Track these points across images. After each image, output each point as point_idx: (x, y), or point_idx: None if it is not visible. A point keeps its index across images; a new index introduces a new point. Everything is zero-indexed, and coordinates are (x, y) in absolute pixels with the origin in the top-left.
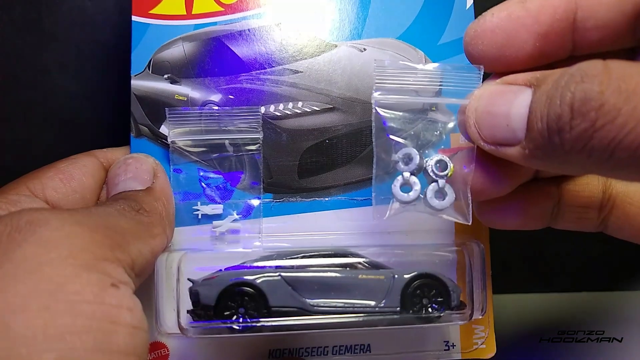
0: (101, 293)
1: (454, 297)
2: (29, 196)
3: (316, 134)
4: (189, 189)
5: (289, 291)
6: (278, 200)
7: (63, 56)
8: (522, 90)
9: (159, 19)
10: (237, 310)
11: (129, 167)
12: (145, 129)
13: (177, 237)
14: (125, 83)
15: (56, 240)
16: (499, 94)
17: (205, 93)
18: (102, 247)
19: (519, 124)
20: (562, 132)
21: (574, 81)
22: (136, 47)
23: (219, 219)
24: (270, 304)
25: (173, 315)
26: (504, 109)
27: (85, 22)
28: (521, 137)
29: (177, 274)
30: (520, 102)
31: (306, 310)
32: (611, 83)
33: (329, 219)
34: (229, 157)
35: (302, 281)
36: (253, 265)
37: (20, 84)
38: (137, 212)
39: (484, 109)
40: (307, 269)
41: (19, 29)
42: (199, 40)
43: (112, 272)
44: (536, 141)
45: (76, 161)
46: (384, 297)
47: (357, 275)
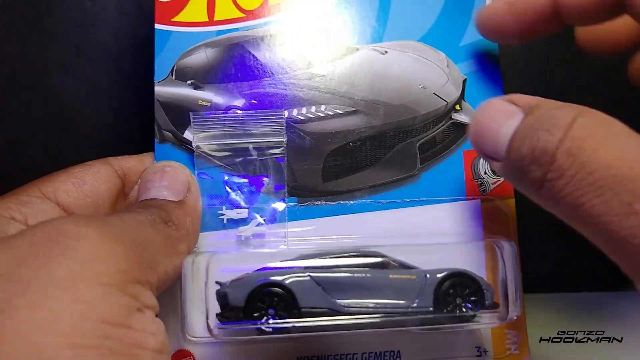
0: (129, 317)
1: (487, 296)
2: (41, 197)
3: (339, 137)
4: (214, 193)
5: (319, 291)
6: (302, 204)
7: (63, 56)
8: (516, 114)
9: (182, 26)
10: (267, 312)
11: (165, 175)
12: (169, 134)
13: (202, 242)
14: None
15: (94, 258)
16: (496, 109)
17: (229, 98)
18: (135, 268)
19: (503, 144)
20: (524, 173)
21: (543, 129)
22: (159, 54)
23: (244, 223)
24: (300, 304)
25: (200, 319)
26: (495, 127)
27: (85, 22)
28: (503, 158)
29: (206, 276)
30: (509, 125)
31: (337, 311)
32: (566, 143)
33: (354, 222)
34: (253, 161)
35: (332, 281)
36: (281, 266)
37: (20, 84)
38: (166, 224)
39: (481, 121)
40: (336, 269)
41: (19, 28)
42: (222, 46)
43: (140, 295)
44: (510, 165)
45: (90, 167)
46: (416, 297)
47: (388, 275)
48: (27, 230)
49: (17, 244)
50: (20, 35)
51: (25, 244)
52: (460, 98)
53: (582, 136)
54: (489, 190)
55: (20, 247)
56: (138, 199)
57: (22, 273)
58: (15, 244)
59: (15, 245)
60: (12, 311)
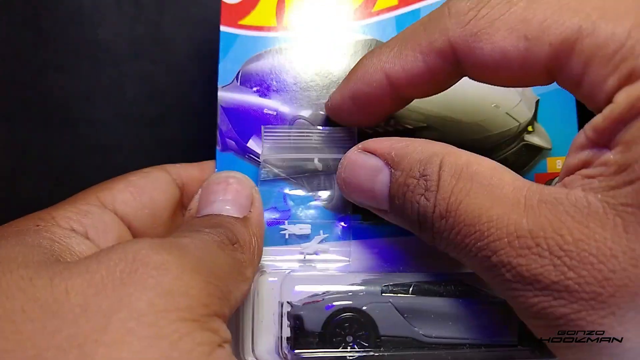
0: (212, 354)
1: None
2: (100, 207)
3: None
4: (277, 207)
5: (400, 319)
6: (368, 222)
7: (61, 55)
8: (381, 170)
9: (249, 30)
10: (345, 339)
11: (229, 187)
12: (232, 143)
13: (263, 258)
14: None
15: (175, 290)
16: (360, 167)
17: (296, 108)
18: (214, 302)
19: (383, 200)
20: (415, 231)
21: (419, 193)
22: (224, 57)
23: (307, 239)
24: (381, 333)
25: (268, 342)
26: (369, 186)
27: (84, 21)
28: (386, 208)
29: (281, 295)
30: (381, 182)
31: (419, 341)
32: (437, 206)
33: (421, 243)
34: (319, 175)
35: (414, 309)
36: (357, 290)
37: (18, 84)
38: (233, 245)
39: (350, 180)
40: (417, 295)
41: (17, 27)
42: (290, 53)
43: (219, 330)
44: (399, 219)
45: (147, 175)
46: (501, 329)
47: (472, 305)
48: (102, 254)
49: (92, 269)
50: (19, 35)
51: (101, 270)
52: (533, 119)
53: (447, 195)
54: None
55: (96, 272)
56: (199, 213)
57: (101, 304)
58: (90, 268)
59: (91, 271)
60: (93, 347)
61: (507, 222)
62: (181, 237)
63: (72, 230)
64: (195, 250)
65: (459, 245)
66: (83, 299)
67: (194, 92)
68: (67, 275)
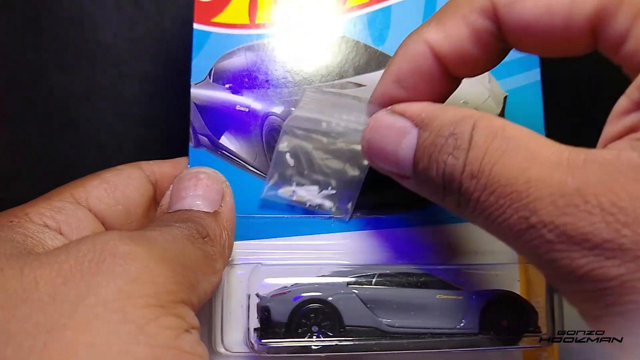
0: (178, 338)
1: (533, 319)
2: (74, 203)
3: None
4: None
5: (364, 310)
6: (338, 216)
7: (62, 55)
8: (409, 131)
9: (221, 27)
10: (311, 329)
11: (199, 183)
12: (205, 139)
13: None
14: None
15: (142, 278)
16: (387, 128)
17: (267, 104)
18: (181, 289)
19: (407, 164)
20: (437, 194)
21: (446, 152)
22: (197, 55)
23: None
24: (345, 322)
25: (237, 333)
26: (393, 148)
27: (84, 21)
28: (410, 174)
29: (249, 288)
30: (407, 144)
31: (382, 331)
32: (468, 166)
33: (391, 238)
34: (290, 169)
35: (377, 299)
36: (325, 282)
37: (19, 84)
38: (204, 239)
39: (375, 144)
40: (380, 286)
41: (18, 28)
42: (262, 50)
43: (186, 316)
44: (420, 187)
45: (121, 172)
46: (462, 318)
47: (435, 295)
48: (71, 245)
49: (62, 259)
50: (20, 35)
51: (70, 260)
52: (501, 115)
53: (480, 155)
54: None
55: (65, 263)
56: (170, 208)
57: (68, 292)
58: (59, 259)
59: (60, 261)
60: (61, 332)
61: (550, 181)
62: (150, 231)
63: (45, 226)
64: (163, 242)
65: (490, 207)
66: (52, 287)
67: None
68: (37, 265)
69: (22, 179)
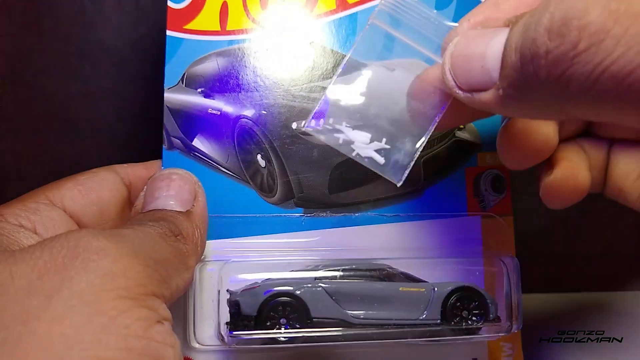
0: (149, 329)
1: (492, 310)
2: (48, 204)
3: None
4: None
5: (331, 302)
6: (309, 214)
7: (62, 56)
8: (500, 31)
9: (193, 34)
10: (279, 321)
11: (172, 184)
12: (178, 141)
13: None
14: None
15: (114, 272)
16: (476, 36)
17: (239, 108)
18: (152, 282)
19: (494, 63)
20: (537, 59)
21: (553, 2)
22: (170, 60)
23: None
24: (312, 315)
25: (209, 327)
26: (480, 50)
27: (85, 22)
28: (496, 78)
29: (219, 284)
30: (496, 41)
31: (347, 322)
32: (600, 1)
33: (358, 235)
34: (262, 173)
35: (343, 292)
36: (292, 276)
37: (20, 85)
38: (176, 237)
39: (459, 53)
40: (346, 280)
41: (19, 29)
42: (233, 56)
43: (158, 308)
44: (509, 77)
45: (95, 175)
46: (424, 310)
47: (398, 288)
48: (46, 242)
49: (37, 255)
50: (20, 35)
51: (44, 256)
52: None
53: None
54: (489, 207)
55: (39, 259)
56: (144, 208)
57: (43, 286)
58: (34, 255)
59: (35, 257)
60: (35, 324)
61: None
62: (124, 229)
63: (20, 226)
64: (136, 239)
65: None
66: (27, 282)
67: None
68: (12, 261)
69: (22, 179)
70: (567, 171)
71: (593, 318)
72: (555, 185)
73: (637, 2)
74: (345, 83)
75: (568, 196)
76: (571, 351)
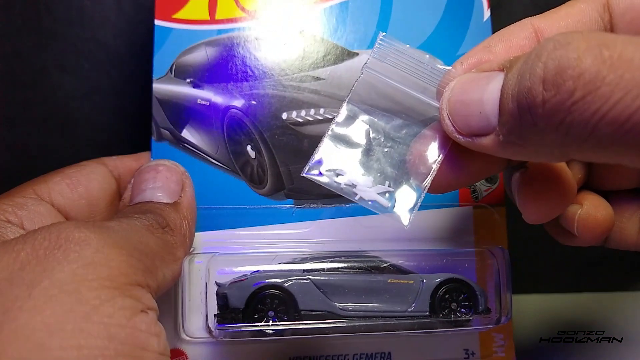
0: (133, 318)
1: (481, 302)
2: (36, 199)
3: None
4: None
5: (319, 295)
6: (299, 206)
7: (62, 55)
8: (495, 75)
9: (182, 24)
10: (267, 314)
11: (159, 175)
12: (167, 132)
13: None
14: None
15: (96, 262)
16: (471, 81)
17: (228, 98)
18: (136, 272)
19: (492, 109)
20: (534, 108)
21: (546, 50)
22: (158, 50)
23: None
24: (300, 307)
25: (198, 319)
26: (477, 96)
27: (84, 21)
28: (494, 123)
29: (207, 276)
30: (492, 87)
31: (335, 314)
32: (591, 50)
33: (349, 226)
34: (252, 164)
35: (331, 285)
36: (281, 268)
37: (19, 84)
38: (164, 229)
39: (456, 99)
40: (335, 272)
41: (18, 28)
42: (222, 46)
43: (142, 298)
44: (508, 124)
45: (83, 168)
46: (413, 302)
47: (386, 280)
48: (29, 234)
49: (19, 247)
50: (19, 34)
51: (27, 248)
52: None
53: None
54: (481, 197)
55: (22, 250)
56: (132, 201)
57: (25, 276)
58: (16, 247)
59: (17, 249)
60: (16, 313)
61: None
62: (109, 221)
63: (7, 222)
64: (120, 230)
65: None
66: (9, 273)
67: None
68: None
69: (22, 179)
70: (597, 201)
71: (593, 318)
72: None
73: (628, 48)
74: (343, 130)
75: (604, 225)
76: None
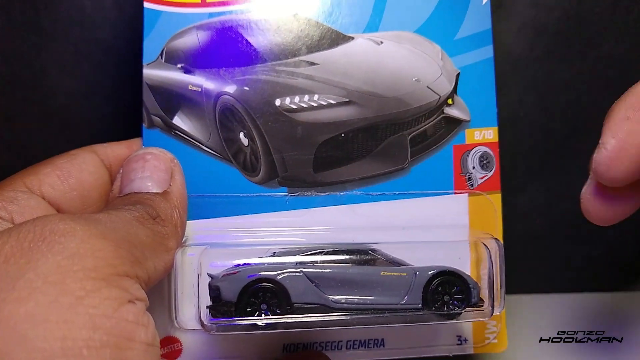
0: (119, 308)
1: (474, 294)
2: (26, 192)
3: (332, 127)
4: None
5: (311, 287)
6: (293, 194)
7: (62, 55)
8: None
9: (172, 6)
10: (260, 307)
11: (147, 164)
12: (158, 119)
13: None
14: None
15: (82, 253)
16: None
17: (220, 84)
18: (123, 263)
19: None
20: None
21: None
22: (148, 34)
23: None
24: (293, 300)
25: (191, 310)
26: None
27: (84, 21)
28: None
29: (199, 268)
30: None
31: (328, 307)
32: None
33: (344, 214)
34: (245, 152)
35: (324, 277)
36: (273, 261)
37: (19, 84)
38: (154, 220)
39: None
40: (328, 265)
41: (18, 28)
42: (214, 30)
43: (130, 288)
44: None
45: (74, 158)
46: (406, 294)
47: (379, 272)
48: (14, 228)
49: (3, 240)
50: (19, 34)
51: (11, 241)
52: (453, 92)
53: None
54: (476, 184)
55: (6, 243)
56: (121, 192)
57: (8, 269)
58: (1, 240)
59: (2, 242)
60: (0, 305)
61: None
62: (97, 213)
63: None
64: (107, 222)
65: None
66: None
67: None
68: None
69: None
70: None
71: (593, 318)
72: None
73: None
74: None
75: None
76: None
